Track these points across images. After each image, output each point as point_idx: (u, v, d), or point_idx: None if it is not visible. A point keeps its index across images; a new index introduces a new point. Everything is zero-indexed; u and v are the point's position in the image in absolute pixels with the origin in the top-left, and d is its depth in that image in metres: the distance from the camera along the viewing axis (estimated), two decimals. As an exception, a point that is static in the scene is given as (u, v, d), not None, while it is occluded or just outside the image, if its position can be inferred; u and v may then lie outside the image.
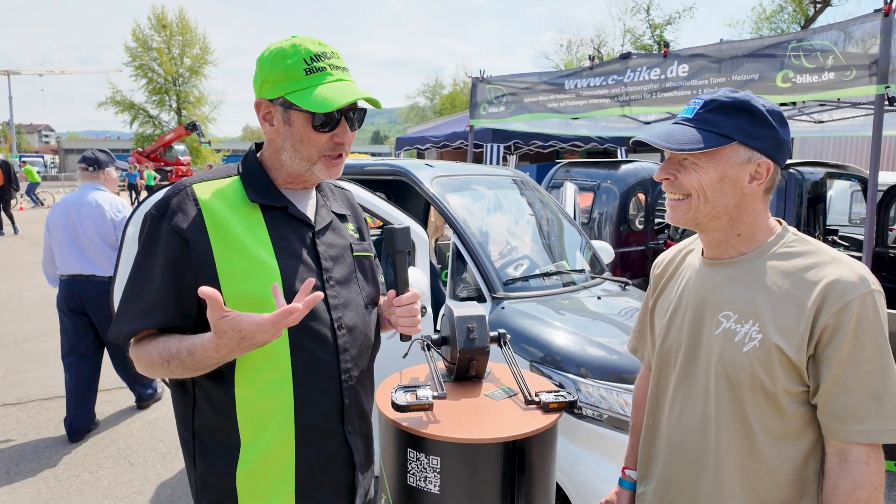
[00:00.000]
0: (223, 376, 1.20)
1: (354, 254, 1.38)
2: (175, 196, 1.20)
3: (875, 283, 1.08)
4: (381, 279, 1.57)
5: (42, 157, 53.74)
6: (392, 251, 1.40)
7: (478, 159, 10.61)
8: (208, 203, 1.20)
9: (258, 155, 1.31)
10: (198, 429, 1.25)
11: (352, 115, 1.24)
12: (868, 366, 1.05)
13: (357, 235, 1.44)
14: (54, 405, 4.38)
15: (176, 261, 1.17)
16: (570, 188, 4.59)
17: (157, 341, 1.17)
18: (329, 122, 1.20)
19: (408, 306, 1.36)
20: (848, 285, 1.06)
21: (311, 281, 1.08)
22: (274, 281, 1.18)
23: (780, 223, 1.23)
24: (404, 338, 1.41)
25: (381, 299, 1.52)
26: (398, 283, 1.39)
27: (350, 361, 1.30)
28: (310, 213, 1.32)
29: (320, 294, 1.07)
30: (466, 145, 6.98)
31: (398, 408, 1.45)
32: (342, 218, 1.41)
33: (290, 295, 1.18)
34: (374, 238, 5.27)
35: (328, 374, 1.26)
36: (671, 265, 1.39)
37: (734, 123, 1.12)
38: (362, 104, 1.25)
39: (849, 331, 1.05)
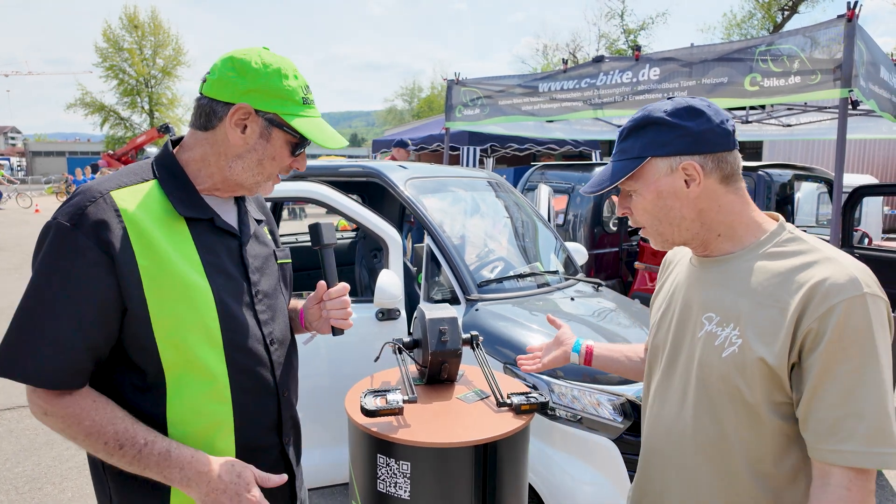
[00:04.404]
0: (151, 405, 1.11)
1: (278, 261, 1.34)
2: (91, 204, 1.04)
3: (869, 286, 0.98)
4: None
5: (8, 159, 52.25)
6: (319, 246, 1.39)
7: (455, 162, 10.62)
8: (132, 214, 1.07)
9: (176, 154, 1.21)
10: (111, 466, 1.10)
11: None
12: (851, 378, 0.95)
13: (271, 238, 1.40)
14: (16, 415, 4.24)
15: (100, 279, 1.03)
16: (544, 190, 4.62)
17: (111, 413, 1.05)
18: (301, 150, 1.23)
19: (338, 299, 1.36)
20: (834, 287, 0.97)
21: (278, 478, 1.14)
22: (206, 301, 1.12)
23: (777, 219, 1.15)
24: (336, 332, 1.39)
25: (296, 301, 1.49)
26: (327, 277, 1.38)
27: (284, 375, 1.27)
28: (233, 221, 1.27)
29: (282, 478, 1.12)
30: (443, 148, 6.97)
31: (367, 413, 1.43)
32: (260, 223, 1.37)
33: (225, 315, 1.15)
34: (350, 240, 5.23)
35: (267, 390, 1.23)
36: (674, 259, 1.35)
37: (641, 142, 1.12)
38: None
39: (833, 337, 0.95)
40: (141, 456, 1.04)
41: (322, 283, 1.39)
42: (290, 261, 1.42)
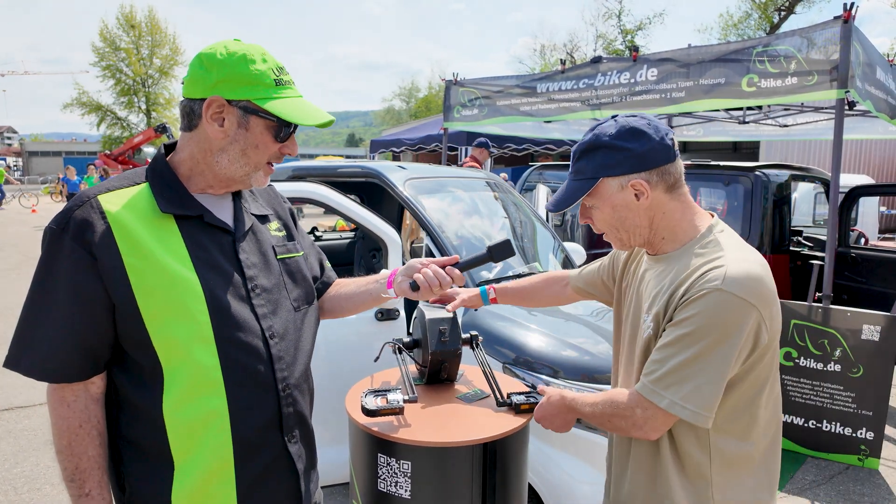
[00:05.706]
0: (150, 398, 1.15)
1: (278, 257, 1.33)
2: (78, 208, 1.11)
3: (731, 285, 1.13)
4: (327, 264, 1.55)
5: (4, 160, 52.11)
6: (491, 257, 1.51)
7: (453, 162, 10.63)
8: (116, 215, 1.12)
9: (168, 158, 1.24)
10: (123, 448, 1.19)
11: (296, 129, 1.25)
12: (677, 344, 1.16)
13: (283, 233, 1.39)
14: (14, 416, 4.23)
15: (85, 279, 1.09)
16: (542, 190, 4.63)
17: (86, 446, 1.15)
18: (287, 134, 1.21)
19: (445, 276, 1.39)
20: (705, 278, 1.15)
21: None
22: (195, 295, 1.14)
23: (711, 217, 1.30)
24: (414, 287, 1.39)
25: (351, 277, 1.51)
26: (467, 264, 1.47)
27: (285, 370, 1.26)
28: (227, 218, 1.26)
29: None
30: (441, 148, 6.98)
31: (368, 412, 1.43)
32: (263, 219, 1.36)
33: (215, 309, 1.16)
34: (349, 240, 5.23)
35: (264, 385, 1.22)
36: (635, 256, 1.48)
37: (594, 164, 1.26)
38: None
39: (681, 308, 1.17)
40: (77, 500, 1.17)
41: (456, 257, 1.46)
42: (301, 253, 1.41)
